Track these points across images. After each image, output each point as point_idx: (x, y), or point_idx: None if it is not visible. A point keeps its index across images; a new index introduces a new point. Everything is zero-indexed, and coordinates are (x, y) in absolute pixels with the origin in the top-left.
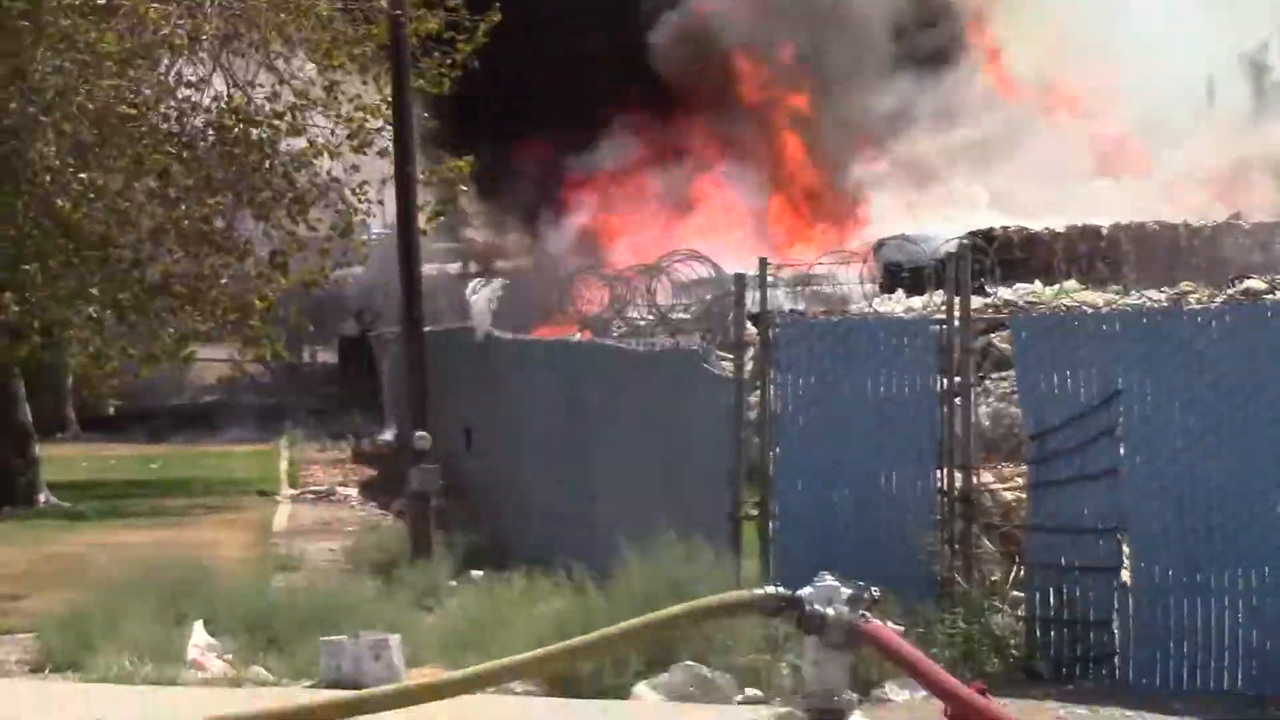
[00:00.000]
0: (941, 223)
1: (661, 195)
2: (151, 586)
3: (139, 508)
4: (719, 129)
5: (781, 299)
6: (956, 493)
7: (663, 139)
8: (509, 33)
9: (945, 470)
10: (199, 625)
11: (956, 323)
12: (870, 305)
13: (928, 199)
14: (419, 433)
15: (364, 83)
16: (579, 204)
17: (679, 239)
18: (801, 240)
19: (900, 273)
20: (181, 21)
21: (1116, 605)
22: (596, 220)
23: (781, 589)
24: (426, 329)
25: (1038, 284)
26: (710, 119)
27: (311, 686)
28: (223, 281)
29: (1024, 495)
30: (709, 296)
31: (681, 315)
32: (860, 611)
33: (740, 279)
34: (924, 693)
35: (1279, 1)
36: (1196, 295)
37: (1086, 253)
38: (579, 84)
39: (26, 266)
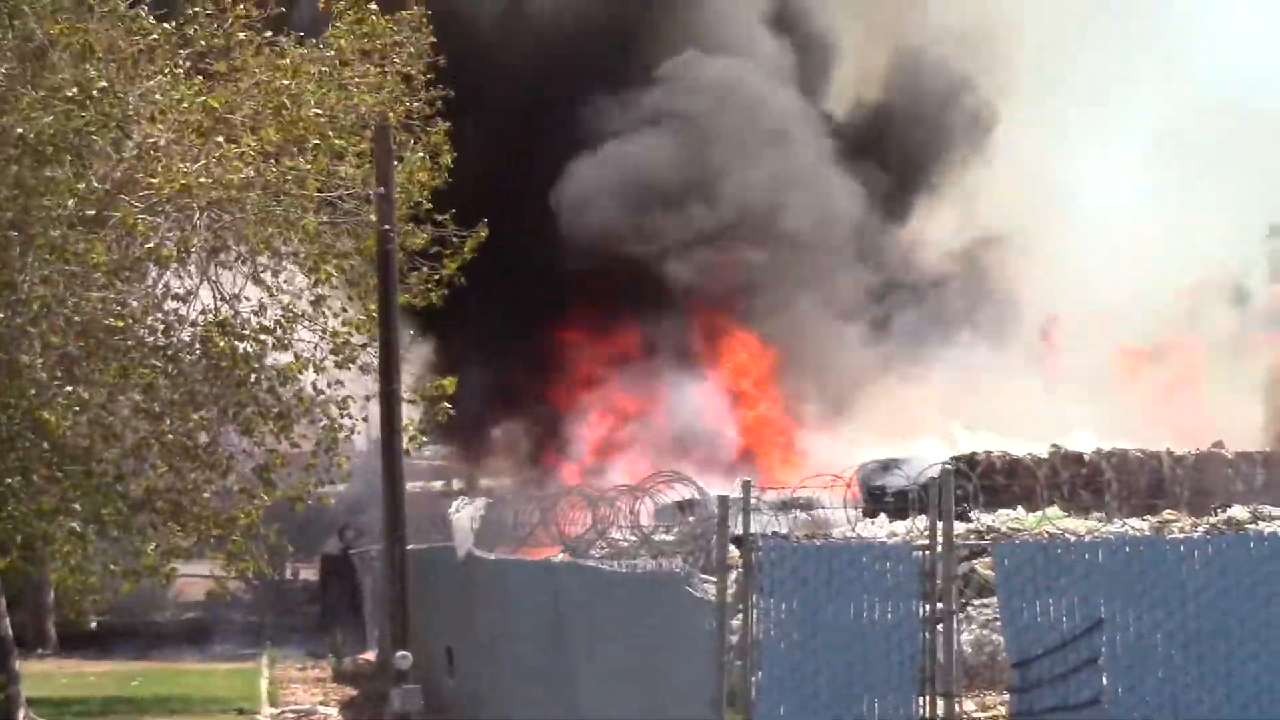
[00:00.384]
0: (925, 447)
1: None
2: None
3: None
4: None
5: (765, 521)
6: None
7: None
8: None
9: (927, 697)
10: None
11: (939, 548)
12: (854, 529)
13: (910, 429)
14: (400, 652)
15: (350, 298)
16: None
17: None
18: (784, 462)
19: (884, 496)
20: (170, 234)
21: None
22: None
23: None
24: (409, 547)
25: (1020, 510)
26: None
27: None
28: (205, 496)
29: None
30: (692, 519)
31: (665, 537)
32: None
33: (723, 501)
34: None
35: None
36: (1179, 524)
37: (1069, 479)
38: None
39: (10, 480)
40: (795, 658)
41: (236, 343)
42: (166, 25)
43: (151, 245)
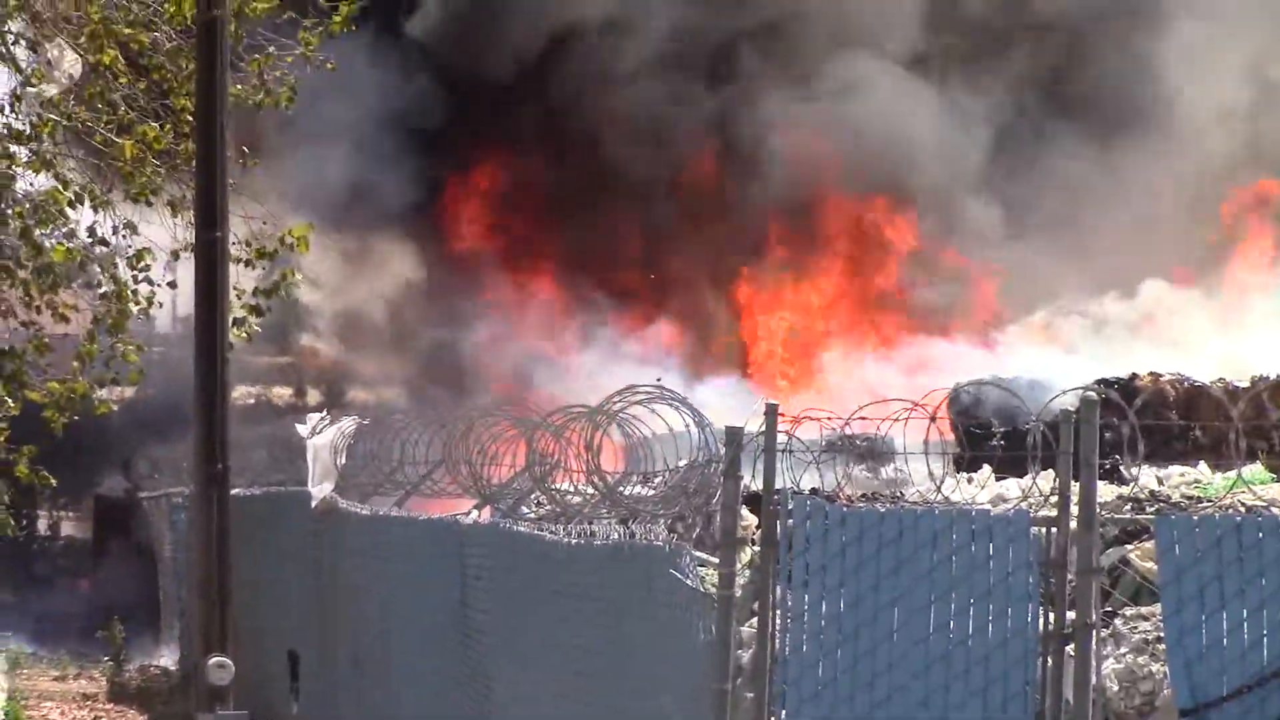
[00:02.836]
0: (1057, 358)
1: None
2: None
3: None
4: None
5: (801, 471)
6: None
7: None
8: None
9: None
10: None
11: (1073, 524)
12: (939, 488)
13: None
14: (215, 658)
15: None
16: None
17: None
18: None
19: (986, 437)
20: None
21: None
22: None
23: None
24: (236, 491)
25: (1203, 466)
26: None
27: None
28: None
29: None
30: (683, 462)
31: (641, 490)
32: None
33: (734, 435)
34: None
35: None
36: None
37: (1278, 422)
38: None
39: None
40: (843, 687)
41: None
42: None
43: None
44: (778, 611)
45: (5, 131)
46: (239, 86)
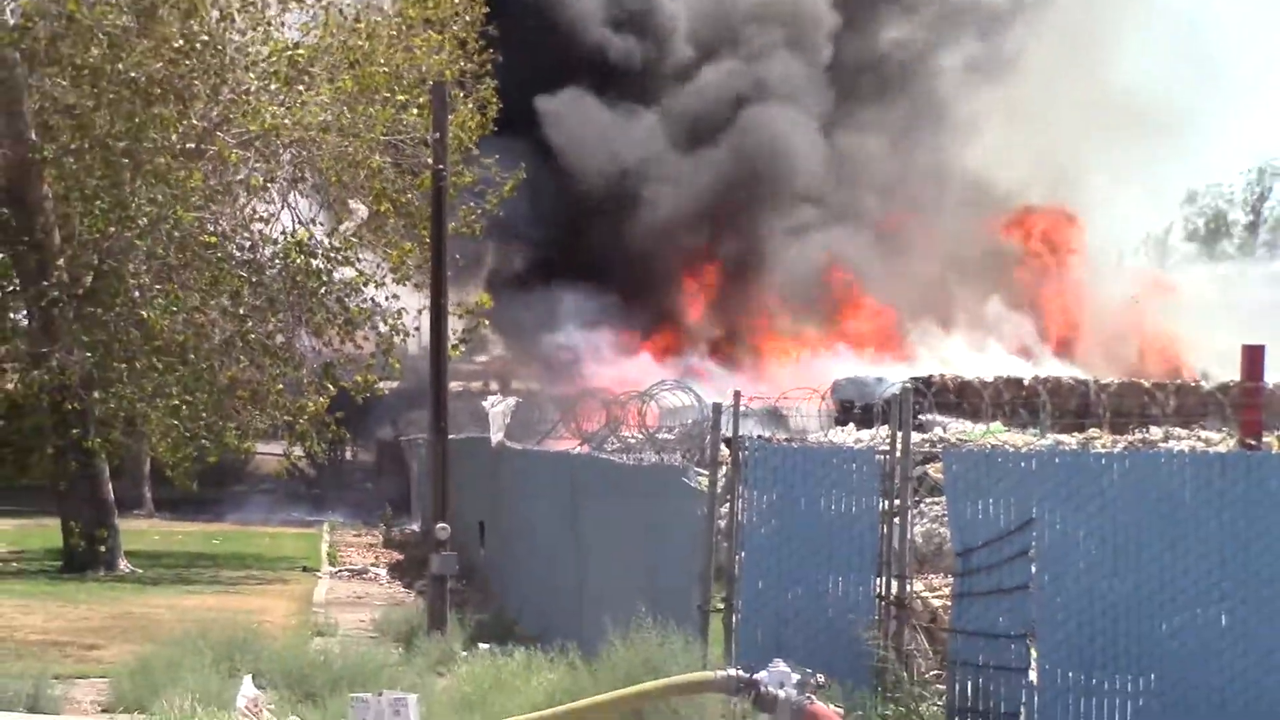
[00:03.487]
0: (889, 368)
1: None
2: (209, 643)
3: (201, 576)
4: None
5: (752, 426)
6: (893, 598)
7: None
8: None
9: (884, 578)
10: (248, 679)
11: (898, 454)
12: (826, 435)
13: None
14: (440, 525)
15: (405, 227)
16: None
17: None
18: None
19: (852, 408)
20: (257, 165)
21: (1024, 701)
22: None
23: (741, 672)
24: (449, 437)
25: (968, 424)
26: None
27: None
28: (279, 388)
29: (950, 603)
30: (690, 421)
31: (667, 436)
32: (807, 695)
33: (717, 408)
34: None
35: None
36: (1102, 441)
37: (1010, 400)
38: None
39: (116, 367)
40: (774, 541)
41: (310, 259)
42: None
43: (243, 175)
44: (740, 500)
45: (329, 246)
46: (453, 224)
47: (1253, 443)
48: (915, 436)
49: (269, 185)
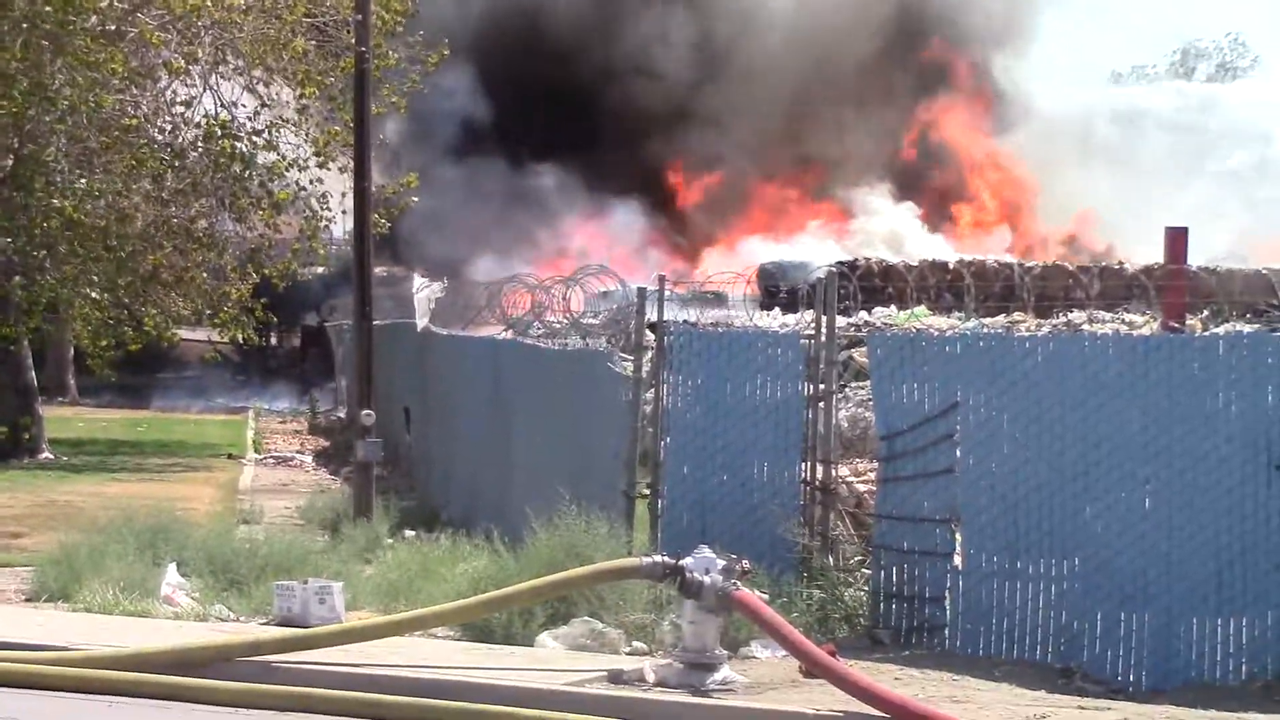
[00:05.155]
0: (814, 251)
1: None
2: (133, 531)
3: (125, 464)
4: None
5: (676, 310)
6: (817, 483)
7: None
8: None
9: (808, 463)
10: (172, 567)
11: (823, 338)
12: (751, 319)
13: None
14: (365, 411)
15: (330, 110)
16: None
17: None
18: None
19: (779, 293)
20: (179, 48)
21: (949, 585)
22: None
23: (667, 558)
24: (375, 322)
25: (893, 308)
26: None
27: (265, 623)
28: (203, 275)
29: (875, 488)
30: (615, 307)
31: (591, 321)
32: (732, 580)
33: (642, 292)
34: (784, 652)
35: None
36: (1026, 325)
37: (935, 284)
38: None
39: (36, 254)
40: (699, 426)
41: (234, 142)
42: None
43: (166, 57)
44: (665, 386)
45: (251, 130)
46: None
47: (1176, 326)
48: (840, 321)
49: (190, 67)
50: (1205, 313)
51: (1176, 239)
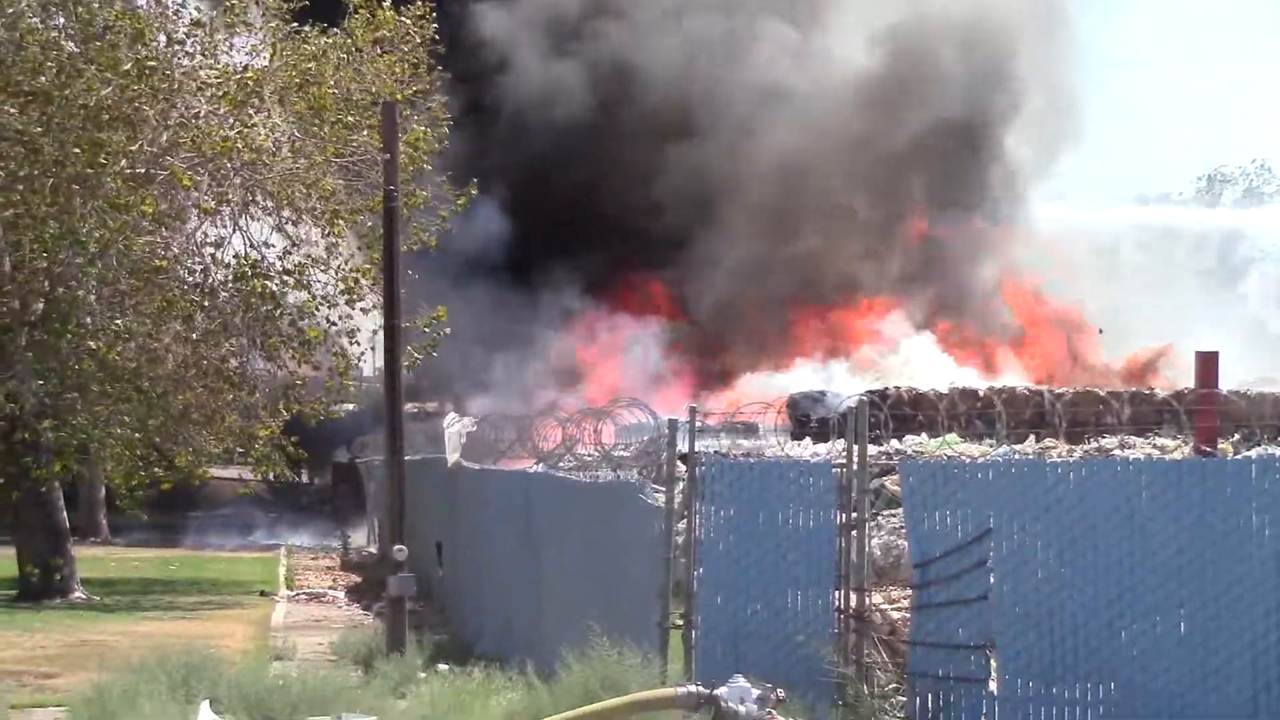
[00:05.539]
0: (845, 382)
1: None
2: (166, 670)
3: (158, 602)
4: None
5: (708, 441)
6: (851, 611)
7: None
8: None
9: (842, 591)
10: (205, 705)
11: (855, 467)
12: (783, 449)
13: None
14: (397, 546)
15: (359, 248)
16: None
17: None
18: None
19: (809, 422)
20: (209, 190)
21: (984, 711)
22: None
23: (701, 688)
24: (405, 458)
25: (924, 436)
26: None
27: None
28: (234, 415)
29: (909, 615)
30: (646, 438)
31: (622, 453)
32: (767, 709)
33: (673, 424)
34: None
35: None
36: (1057, 450)
37: (965, 411)
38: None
39: (68, 396)
40: (731, 556)
41: (265, 281)
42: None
43: (196, 198)
44: (697, 516)
45: (282, 269)
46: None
47: (1208, 449)
48: (871, 450)
49: (220, 209)
50: (1236, 436)
51: (1207, 362)
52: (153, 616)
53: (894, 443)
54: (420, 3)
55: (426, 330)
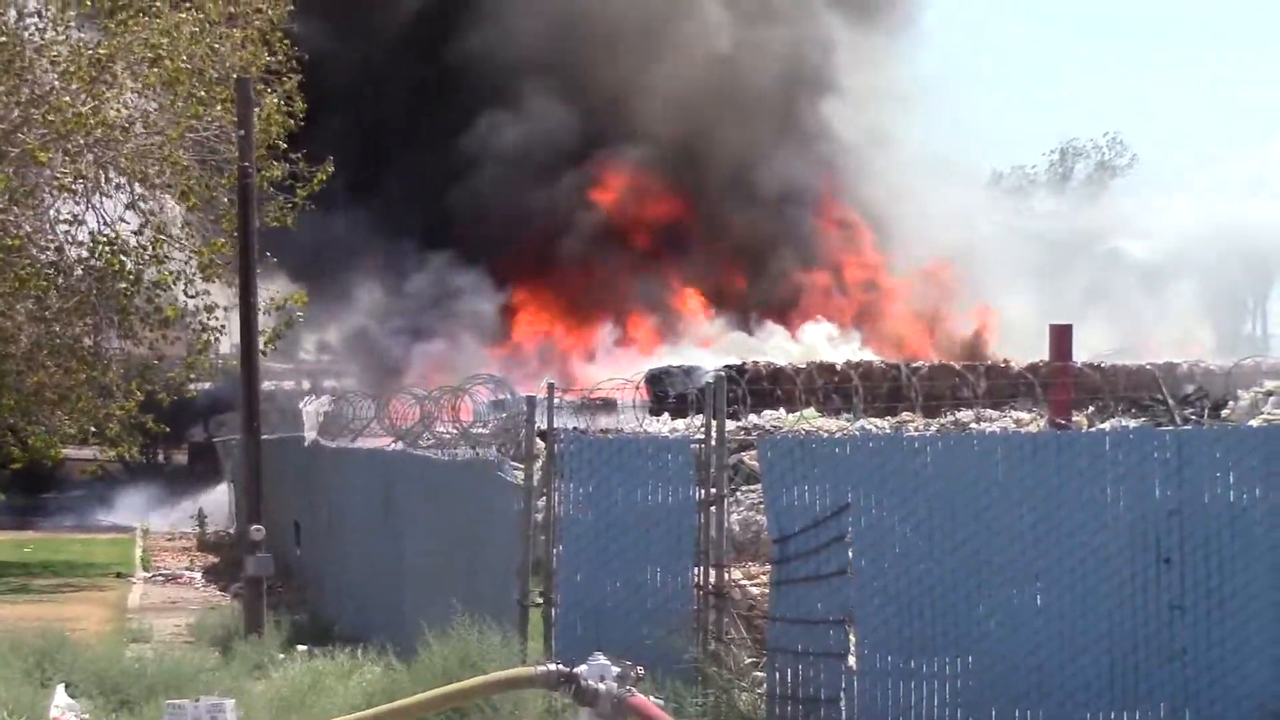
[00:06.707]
0: (703, 357)
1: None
2: (20, 653)
3: (11, 585)
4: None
5: (567, 418)
6: (710, 587)
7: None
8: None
9: (701, 568)
10: (60, 688)
11: (713, 442)
12: (641, 425)
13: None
14: (255, 525)
15: (214, 221)
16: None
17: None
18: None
19: (668, 398)
20: (64, 168)
21: (844, 686)
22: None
23: (561, 666)
24: (263, 437)
25: (782, 411)
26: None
27: None
28: (89, 393)
29: (768, 590)
30: (505, 415)
31: (481, 431)
32: (627, 686)
33: (531, 400)
34: None
35: None
36: (914, 424)
37: (823, 386)
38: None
39: None
40: (591, 533)
41: (122, 257)
42: None
43: (50, 175)
44: (556, 493)
45: (137, 245)
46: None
47: (1063, 422)
48: (730, 425)
49: (75, 185)
50: (1091, 409)
51: (1061, 335)
52: (6, 600)
53: (752, 418)
54: None
55: (281, 310)
